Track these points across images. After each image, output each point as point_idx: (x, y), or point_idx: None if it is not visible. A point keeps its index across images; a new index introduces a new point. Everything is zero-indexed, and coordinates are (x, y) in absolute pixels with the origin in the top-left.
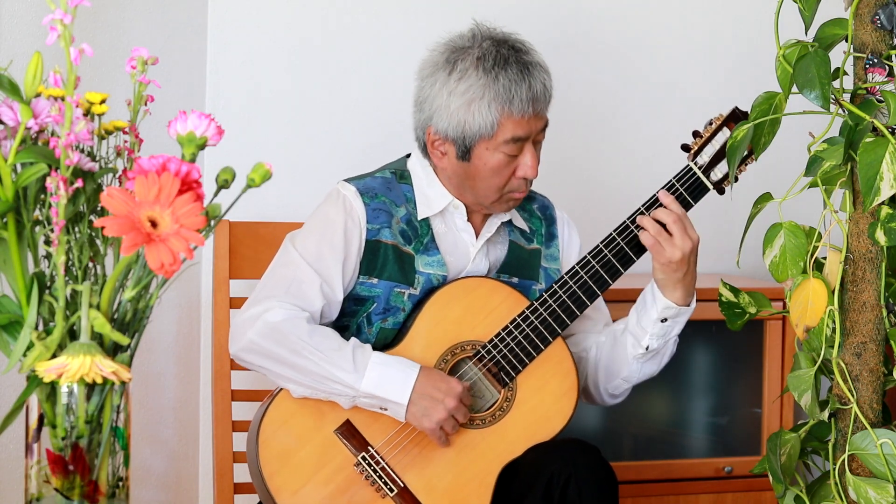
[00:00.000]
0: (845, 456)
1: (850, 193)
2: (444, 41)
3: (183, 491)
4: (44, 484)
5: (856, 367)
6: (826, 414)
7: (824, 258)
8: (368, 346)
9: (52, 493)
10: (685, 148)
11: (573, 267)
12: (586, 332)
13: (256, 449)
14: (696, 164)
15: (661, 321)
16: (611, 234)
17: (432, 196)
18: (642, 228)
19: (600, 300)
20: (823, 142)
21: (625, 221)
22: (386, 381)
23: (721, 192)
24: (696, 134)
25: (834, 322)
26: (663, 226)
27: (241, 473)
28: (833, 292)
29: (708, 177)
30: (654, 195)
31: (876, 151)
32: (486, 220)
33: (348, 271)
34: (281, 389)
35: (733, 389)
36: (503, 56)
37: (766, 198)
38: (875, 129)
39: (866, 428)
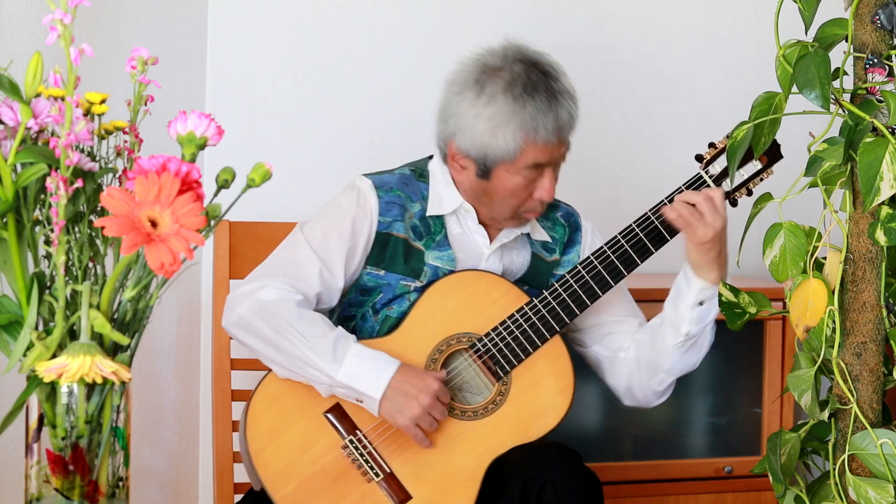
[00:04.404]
0: (845, 456)
1: (850, 193)
2: (475, 57)
3: (183, 491)
4: (44, 484)
5: (856, 367)
6: (826, 414)
7: (824, 258)
8: (353, 338)
9: (52, 493)
10: (699, 158)
11: (575, 266)
12: (622, 332)
13: (245, 424)
14: (706, 172)
15: (699, 304)
16: (615, 236)
17: (445, 197)
18: (663, 216)
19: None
20: (823, 142)
21: (630, 225)
22: (362, 373)
23: (734, 203)
24: (711, 145)
25: (834, 322)
26: (693, 207)
27: (241, 473)
28: (833, 292)
29: (719, 186)
30: (663, 201)
31: (876, 151)
32: (502, 228)
33: (353, 261)
34: None
35: (733, 389)
36: (532, 83)
37: (766, 198)
38: (875, 129)
39: (866, 428)
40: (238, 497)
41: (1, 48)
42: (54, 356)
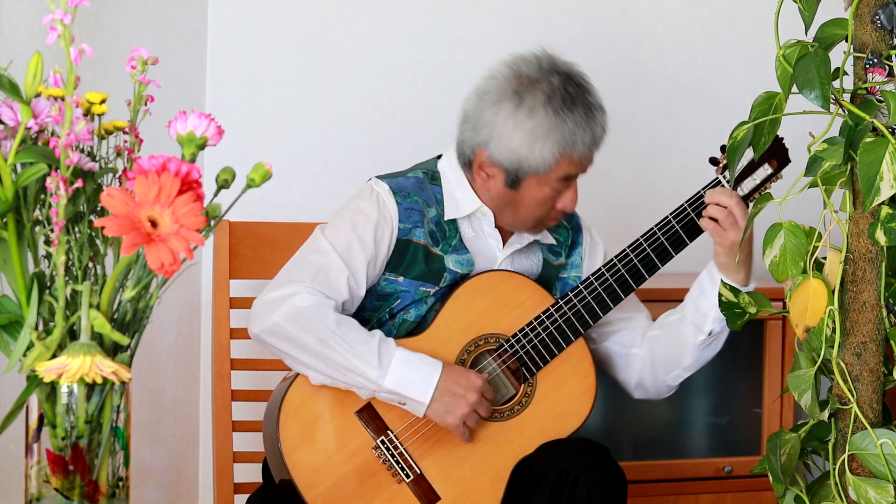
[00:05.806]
0: (845, 456)
1: (850, 193)
2: (508, 65)
3: (183, 491)
4: (44, 484)
5: (856, 367)
6: (826, 414)
7: (824, 258)
8: (392, 341)
9: (52, 493)
10: (713, 161)
11: (599, 269)
12: (631, 328)
13: (277, 423)
14: (724, 177)
15: None
16: (637, 239)
17: (461, 199)
18: (697, 216)
19: (635, 297)
20: (823, 142)
21: (652, 228)
22: (409, 378)
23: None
24: (723, 148)
25: (834, 322)
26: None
27: (241, 473)
28: (833, 292)
29: (735, 190)
30: (683, 205)
31: (876, 151)
32: (514, 231)
33: (373, 270)
34: None
35: (733, 389)
36: (571, 97)
37: (766, 198)
38: (875, 129)
39: (866, 428)
40: (238, 497)
41: (1, 48)
42: (54, 356)
